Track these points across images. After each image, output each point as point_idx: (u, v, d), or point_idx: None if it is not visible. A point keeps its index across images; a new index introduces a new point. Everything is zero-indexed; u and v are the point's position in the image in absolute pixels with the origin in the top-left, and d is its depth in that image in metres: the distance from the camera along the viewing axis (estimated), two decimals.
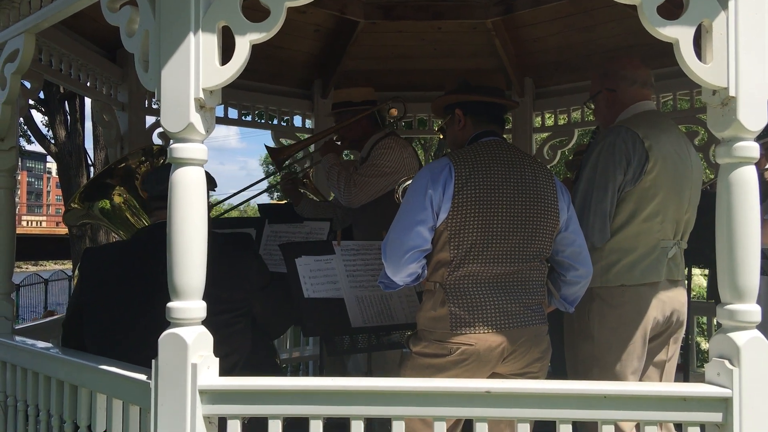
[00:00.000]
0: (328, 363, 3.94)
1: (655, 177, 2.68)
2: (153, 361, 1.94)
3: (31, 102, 11.25)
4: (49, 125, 12.95)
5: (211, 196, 2.90)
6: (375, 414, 1.97)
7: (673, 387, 2.03)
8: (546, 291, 2.56)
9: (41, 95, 11.64)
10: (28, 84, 3.40)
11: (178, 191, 1.92)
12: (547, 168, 2.66)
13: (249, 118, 5.51)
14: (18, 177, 3.13)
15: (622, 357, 2.68)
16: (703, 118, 4.61)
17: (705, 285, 9.20)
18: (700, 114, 4.73)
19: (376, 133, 3.83)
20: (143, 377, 2.04)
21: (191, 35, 1.89)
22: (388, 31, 4.99)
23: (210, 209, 2.65)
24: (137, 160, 3.56)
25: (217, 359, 1.99)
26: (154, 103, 4.65)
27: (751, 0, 1.87)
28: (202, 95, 1.90)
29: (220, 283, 2.15)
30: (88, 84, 4.25)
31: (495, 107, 2.63)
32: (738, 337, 1.87)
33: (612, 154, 2.68)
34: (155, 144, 4.41)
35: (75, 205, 3.59)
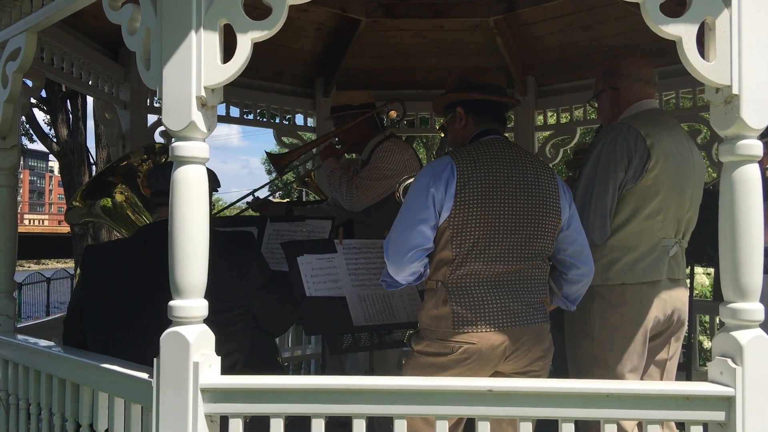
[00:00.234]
0: (330, 362, 3.94)
1: (657, 175, 2.68)
2: (155, 360, 1.94)
3: (33, 100, 11.30)
4: (51, 124, 12.96)
5: (214, 195, 2.90)
6: (377, 413, 1.97)
7: (676, 386, 2.03)
8: (548, 289, 2.55)
9: (43, 94, 11.66)
10: (29, 82, 3.40)
11: (179, 190, 1.92)
12: (549, 166, 2.66)
13: (251, 116, 5.51)
14: (20, 176, 3.14)
15: (622, 356, 2.68)
16: (706, 116, 4.61)
17: (707, 284, 9.20)
18: (702, 112, 4.72)
19: (376, 136, 3.84)
20: (145, 376, 2.04)
21: (193, 33, 1.89)
22: (390, 30, 4.98)
23: (212, 208, 2.65)
24: (139, 158, 3.56)
25: (219, 358, 1.99)
26: (155, 102, 4.64)
27: None
28: (203, 93, 1.90)
29: (221, 282, 2.15)
30: (89, 82, 4.25)
31: (496, 105, 2.63)
32: (741, 336, 1.86)
33: (613, 151, 2.68)
34: (157, 142, 4.41)
35: (77, 203, 3.60)
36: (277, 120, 5.51)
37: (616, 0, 4.09)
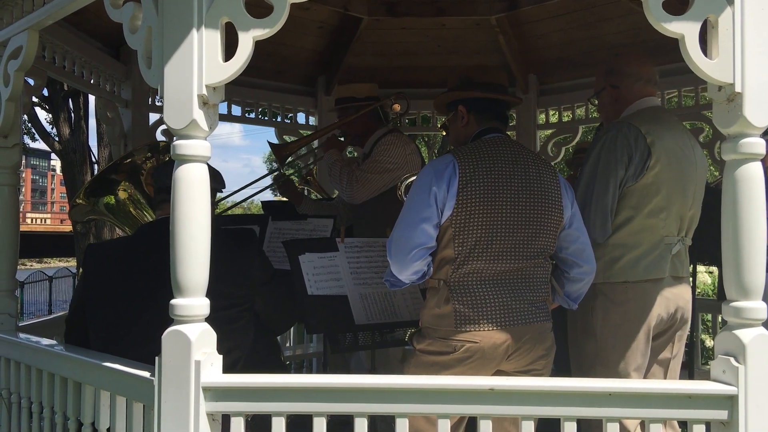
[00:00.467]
0: (332, 361, 3.94)
1: (658, 173, 2.67)
2: (156, 359, 1.94)
3: (35, 99, 11.32)
4: (53, 122, 12.98)
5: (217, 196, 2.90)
6: (378, 411, 1.97)
7: (678, 384, 2.03)
8: (550, 288, 2.55)
9: (45, 92, 11.67)
10: (31, 81, 3.40)
11: (181, 188, 1.92)
12: (551, 165, 2.65)
13: (252, 115, 5.51)
14: (22, 174, 3.14)
15: (625, 354, 2.67)
16: (708, 114, 4.60)
17: (710, 282, 9.19)
18: (705, 111, 4.71)
19: (379, 129, 3.83)
20: (147, 374, 2.04)
21: (194, 31, 1.89)
22: (391, 28, 4.98)
23: (215, 206, 2.65)
24: (143, 155, 3.56)
25: (221, 356, 1.99)
26: (157, 100, 4.65)
27: None
28: (205, 92, 1.90)
29: (222, 279, 2.15)
30: (91, 81, 4.25)
31: (498, 104, 2.62)
32: (744, 335, 1.86)
33: (613, 149, 2.67)
34: (160, 141, 4.41)
35: (80, 201, 3.60)
36: (279, 119, 5.51)
37: None
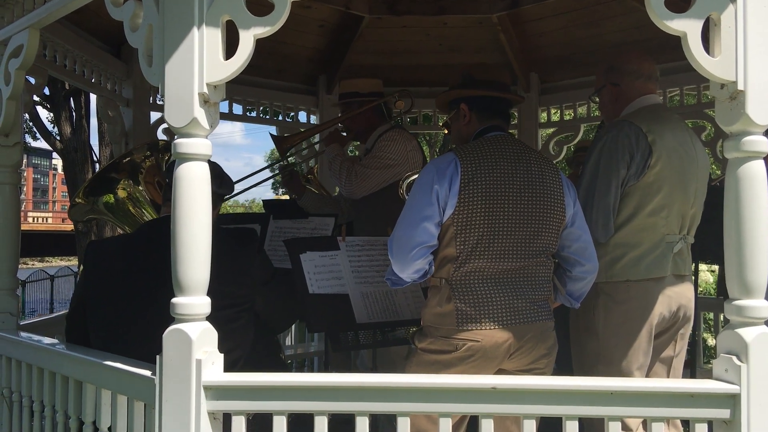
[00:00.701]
0: (334, 359, 3.93)
1: (659, 171, 2.67)
2: (157, 357, 1.94)
3: (36, 98, 11.31)
4: (55, 121, 12.99)
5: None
6: (380, 410, 1.97)
7: (681, 383, 2.02)
8: (552, 287, 2.55)
9: (46, 91, 11.67)
10: (32, 80, 3.40)
11: (182, 186, 1.92)
12: (553, 163, 2.65)
13: (254, 114, 5.50)
14: (23, 173, 3.14)
15: (627, 353, 2.67)
16: (711, 113, 4.59)
17: (711, 281, 9.19)
18: (707, 109, 4.70)
19: (381, 125, 3.82)
20: (148, 373, 2.04)
21: (195, 30, 1.88)
22: (392, 26, 4.97)
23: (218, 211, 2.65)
24: (142, 154, 3.56)
25: (222, 355, 1.98)
26: (158, 99, 4.64)
27: None
28: (206, 90, 1.89)
29: (222, 278, 2.15)
30: (92, 80, 4.25)
31: (500, 102, 2.62)
32: (746, 333, 1.85)
33: (615, 148, 2.67)
34: (160, 139, 4.41)
35: (80, 200, 3.59)
36: (280, 117, 5.51)
37: None
